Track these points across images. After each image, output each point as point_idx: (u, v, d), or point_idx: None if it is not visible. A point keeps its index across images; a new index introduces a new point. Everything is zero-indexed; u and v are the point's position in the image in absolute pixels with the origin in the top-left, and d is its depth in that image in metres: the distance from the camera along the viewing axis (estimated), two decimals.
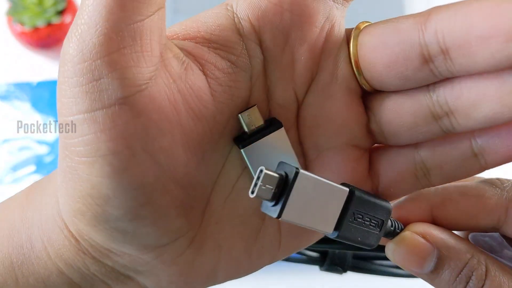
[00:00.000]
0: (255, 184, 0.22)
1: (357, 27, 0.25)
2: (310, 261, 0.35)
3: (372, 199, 0.25)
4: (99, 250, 0.24)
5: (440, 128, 0.25)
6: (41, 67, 0.73)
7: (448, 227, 0.27)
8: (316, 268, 0.36)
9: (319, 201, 0.23)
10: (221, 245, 0.26)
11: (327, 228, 0.24)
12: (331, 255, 0.35)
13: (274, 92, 0.25)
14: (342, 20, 0.25)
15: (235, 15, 0.24)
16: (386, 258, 0.35)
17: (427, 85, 0.24)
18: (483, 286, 0.25)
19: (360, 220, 0.24)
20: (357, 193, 0.24)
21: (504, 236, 0.28)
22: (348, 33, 0.25)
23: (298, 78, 0.25)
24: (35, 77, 0.71)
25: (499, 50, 0.21)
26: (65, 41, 0.21)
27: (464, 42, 0.22)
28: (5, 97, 0.70)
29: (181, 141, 0.23)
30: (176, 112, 0.22)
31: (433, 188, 0.27)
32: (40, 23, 0.70)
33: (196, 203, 0.24)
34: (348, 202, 0.24)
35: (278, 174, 0.22)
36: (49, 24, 0.70)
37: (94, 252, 0.24)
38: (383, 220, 0.25)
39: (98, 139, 0.21)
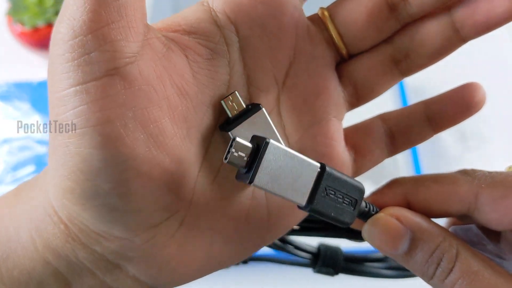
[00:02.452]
0: (228, 151, 0.24)
1: (321, 8, 0.29)
2: (303, 264, 0.36)
3: (344, 177, 0.26)
4: (88, 235, 0.24)
5: (399, 71, 0.30)
6: (41, 67, 0.73)
7: (421, 213, 0.28)
8: (307, 270, 0.36)
9: (290, 173, 0.25)
10: (212, 227, 0.26)
11: (300, 200, 0.25)
12: (322, 257, 0.35)
13: (254, 78, 0.27)
14: (302, 8, 0.28)
15: (211, 9, 0.26)
16: (377, 260, 0.35)
17: (386, 40, 0.29)
18: (453, 267, 0.26)
19: (332, 196, 0.26)
20: (328, 169, 0.25)
21: (481, 229, 0.28)
22: (311, 18, 0.29)
23: (276, 63, 0.27)
24: (35, 77, 0.71)
25: None
26: (56, 23, 0.22)
27: None
28: (5, 97, 0.71)
29: (168, 114, 0.24)
30: (162, 85, 0.24)
31: (407, 176, 0.30)
32: (40, 23, 0.70)
33: (184, 181, 0.25)
34: (320, 177, 0.25)
35: (250, 143, 0.24)
36: (49, 24, 0.71)
37: (83, 238, 0.24)
38: (356, 200, 0.26)
39: (89, 110, 0.22)
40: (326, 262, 0.35)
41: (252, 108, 0.26)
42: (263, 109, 0.26)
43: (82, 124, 0.22)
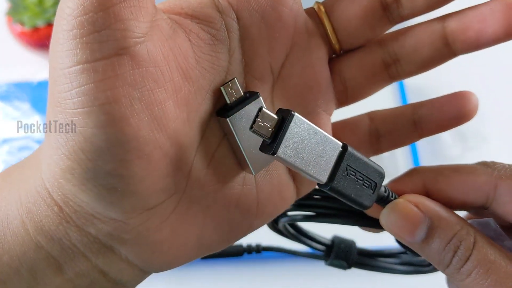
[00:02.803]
0: (254, 121, 0.24)
1: (317, 2, 0.30)
2: (315, 256, 0.35)
3: (365, 159, 0.26)
4: (83, 216, 0.24)
5: (389, 76, 0.30)
6: (41, 67, 0.72)
7: (440, 202, 0.28)
8: (319, 263, 0.36)
9: (313, 148, 0.25)
10: (204, 212, 0.27)
11: (321, 177, 0.25)
12: (336, 249, 0.35)
13: (251, 66, 0.27)
14: (301, 2, 0.29)
15: None
16: (390, 256, 0.35)
17: (378, 43, 0.30)
18: (470, 255, 0.26)
19: (353, 176, 0.26)
20: (350, 148, 0.26)
21: (498, 224, 0.29)
22: (308, 11, 0.29)
23: (273, 54, 0.28)
24: (35, 77, 0.71)
25: None
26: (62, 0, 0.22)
27: None
28: (5, 97, 0.70)
29: (172, 96, 0.24)
30: (169, 67, 0.23)
31: (427, 166, 0.30)
32: (40, 23, 0.70)
33: (182, 165, 0.25)
34: (341, 156, 0.25)
35: (276, 115, 0.24)
36: (49, 24, 0.70)
37: (77, 219, 0.24)
38: (376, 183, 0.26)
39: (97, 89, 0.21)
40: (340, 255, 0.35)
41: (250, 96, 0.26)
42: (261, 97, 0.27)
43: (88, 103, 0.21)
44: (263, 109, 0.24)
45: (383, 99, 0.31)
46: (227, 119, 0.26)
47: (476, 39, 0.28)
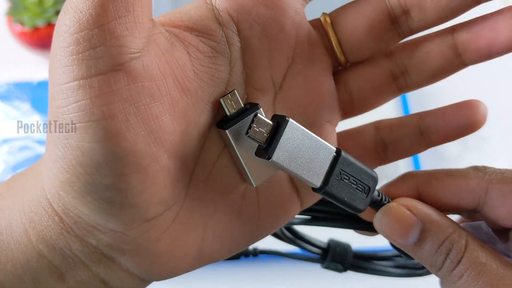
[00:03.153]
0: (249, 126, 0.25)
1: (323, 14, 0.29)
2: (311, 259, 0.36)
3: (359, 164, 0.27)
4: (83, 227, 0.24)
5: (397, 87, 0.30)
6: (41, 67, 0.72)
7: (432, 206, 0.28)
8: (315, 266, 0.36)
9: (307, 153, 0.25)
10: (205, 222, 0.27)
11: (315, 181, 0.26)
12: (332, 253, 0.35)
13: (252, 78, 0.27)
14: (304, 13, 0.28)
15: (214, 8, 0.26)
16: (385, 259, 0.35)
17: (386, 54, 0.30)
18: (461, 258, 0.26)
19: (346, 181, 0.26)
20: (343, 153, 0.26)
21: (490, 228, 0.29)
22: (313, 22, 0.29)
23: (274, 65, 0.27)
24: (35, 77, 0.71)
25: (446, 4, 0.27)
26: (61, 15, 0.22)
27: (420, 1, 0.27)
28: (5, 97, 0.70)
29: (168, 110, 0.24)
30: (165, 82, 0.24)
31: (420, 170, 0.31)
32: (40, 23, 0.70)
33: (180, 176, 0.25)
34: (335, 161, 0.26)
35: (271, 120, 0.25)
36: (49, 24, 0.70)
37: (78, 230, 0.24)
38: (369, 187, 0.27)
39: (92, 104, 0.21)
40: (335, 258, 0.35)
41: (250, 108, 0.26)
42: (261, 109, 0.27)
43: (84, 118, 0.22)
44: (258, 115, 0.25)
45: (384, 105, 0.31)
46: (226, 131, 0.26)
47: (488, 48, 0.28)
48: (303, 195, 0.30)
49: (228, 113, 0.26)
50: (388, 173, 0.28)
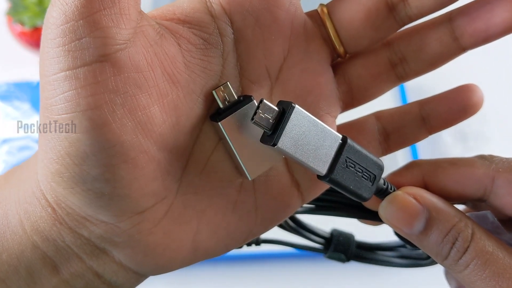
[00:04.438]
0: (255, 112, 0.24)
1: (321, 4, 0.29)
2: (314, 249, 0.35)
3: (365, 152, 0.27)
4: (75, 219, 0.24)
5: (396, 76, 0.30)
6: None
7: (438, 194, 0.28)
8: (317, 256, 0.36)
9: (313, 140, 0.25)
10: (200, 216, 0.27)
11: (320, 168, 0.26)
12: (335, 242, 0.35)
13: (246, 70, 0.27)
14: (300, 4, 0.28)
15: (207, 0, 0.26)
16: (389, 249, 0.35)
17: (383, 43, 0.30)
18: (468, 247, 0.26)
19: (352, 168, 0.26)
20: (349, 141, 0.26)
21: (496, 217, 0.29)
22: (310, 13, 0.29)
23: (270, 57, 0.27)
24: (35, 77, 0.71)
25: None
26: (49, 8, 0.22)
27: None
28: (5, 97, 0.70)
29: (157, 101, 0.24)
30: (153, 73, 0.24)
31: (426, 159, 0.30)
32: (40, 23, 0.70)
33: (172, 169, 0.25)
34: (341, 148, 0.26)
35: (276, 107, 0.25)
36: None
37: (70, 222, 0.24)
38: (375, 175, 0.27)
39: (78, 95, 0.22)
40: (338, 248, 0.35)
41: (244, 100, 0.26)
42: (254, 101, 0.26)
43: (71, 109, 0.22)
44: (264, 100, 0.24)
45: (383, 98, 0.31)
46: (219, 123, 0.26)
47: (485, 30, 0.28)
48: (304, 189, 0.29)
49: (221, 105, 0.26)
50: (387, 166, 0.28)
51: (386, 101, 0.70)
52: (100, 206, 0.24)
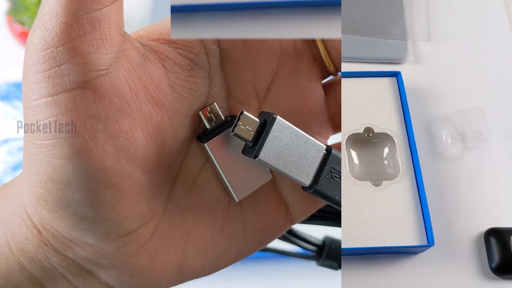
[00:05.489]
0: (235, 124, 0.24)
1: None
2: (306, 256, 0.35)
3: None
4: (60, 241, 0.24)
5: None
6: None
7: None
8: (310, 264, 0.36)
9: (296, 151, 0.25)
10: (186, 237, 0.26)
11: (304, 179, 0.25)
12: (327, 250, 0.35)
13: (234, 90, 0.27)
14: None
15: None
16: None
17: None
18: None
19: (337, 179, 0.26)
20: (334, 151, 0.26)
21: None
22: None
23: (258, 76, 0.27)
24: None
25: None
26: (30, 32, 0.22)
27: None
28: (5, 97, 0.70)
29: (140, 125, 0.24)
30: (136, 97, 0.23)
31: None
32: None
33: (158, 191, 0.25)
34: (325, 159, 0.25)
35: (257, 118, 0.24)
36: None
37: (55, 243, 0.24)
38: None
39: (59, 122, 0.22)
40: (331, 255, 0.35)
41: (231, 120, 0.26)
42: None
43: (52, 136, 0.22)
44: (244, 112, 0.24)
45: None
46: (205, 144, 0.25)
47: None
48: (293, 210, 0.29)
49: (207, 126, 0.26)
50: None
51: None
52: (84, 229, 0.23)
